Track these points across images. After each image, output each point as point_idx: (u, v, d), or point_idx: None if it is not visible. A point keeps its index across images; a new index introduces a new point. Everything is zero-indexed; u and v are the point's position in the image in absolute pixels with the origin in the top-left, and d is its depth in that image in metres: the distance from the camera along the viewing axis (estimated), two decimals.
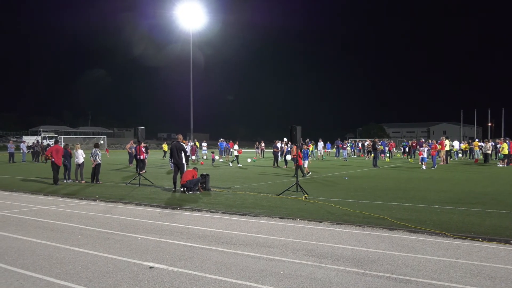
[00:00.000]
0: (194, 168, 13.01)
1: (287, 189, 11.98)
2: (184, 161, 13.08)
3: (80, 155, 16.05)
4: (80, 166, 15.97)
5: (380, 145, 25.56)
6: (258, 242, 6.39)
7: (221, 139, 34.16)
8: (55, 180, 15.03)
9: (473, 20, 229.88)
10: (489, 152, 29.00)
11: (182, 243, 6.35)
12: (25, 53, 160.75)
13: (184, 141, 15.56)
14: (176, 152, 13.00)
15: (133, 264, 5.25)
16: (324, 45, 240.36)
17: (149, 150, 24.94)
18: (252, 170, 22.28)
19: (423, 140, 36.98)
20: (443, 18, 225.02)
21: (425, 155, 22.80)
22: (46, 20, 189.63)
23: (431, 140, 32.68)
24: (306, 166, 18.34)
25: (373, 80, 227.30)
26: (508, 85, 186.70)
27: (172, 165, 14.54)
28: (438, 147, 25.60)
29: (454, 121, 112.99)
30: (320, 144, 36.50)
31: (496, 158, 30.51)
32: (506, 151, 24.67)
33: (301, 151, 17.30)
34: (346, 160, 32.92)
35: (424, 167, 22.13)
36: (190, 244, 6.25)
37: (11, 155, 30.98)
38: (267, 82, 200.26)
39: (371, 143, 36.71)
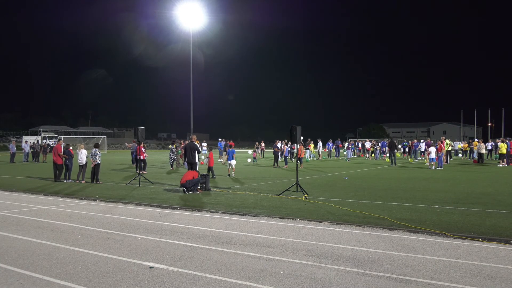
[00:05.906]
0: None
1: (287, 189, 12.00)
2: (197, 161, 13.66)
3: (83, 155, 16.06)
4: (83, 166, 15.96)
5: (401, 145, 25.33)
6: (258, 242, 6.39)
7: (220, 138, 34.13)
8: (55, 176, 16.33)
9: (473, 20, 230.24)
10: (483, 151, 29.01)
11: (182, 243, 6.35)
12: (25, 53, 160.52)
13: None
14: (190, 151, 13.53)
15: (133, 264, 5.25)
16: (324, 45, 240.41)
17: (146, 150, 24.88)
18: (252, 170, 22.28)
19: (430, 140, 36.95)
20: (443, 17, 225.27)
21: (433, 155, 22.77)
22: (46, 20, 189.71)
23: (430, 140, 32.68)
24: (233, 166, 17.85)
25: (373, 80, 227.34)
26: (508, 85, 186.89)
27: (186, 164, 14.98)
28: (444, 146, 25.37)
29: (454, 121, 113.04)
30: (319, 144, 36.52)
31: (496, 158, 30.54)
32: (503, 151, 24.65)
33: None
34: (349, 160, 32.82)
35: (433, 167, 22.16)
36: (190, 244, 6.25)
37: (13, 155, 30.99)
38: (267, 82, 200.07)
39: (372, 143, 36.82)
